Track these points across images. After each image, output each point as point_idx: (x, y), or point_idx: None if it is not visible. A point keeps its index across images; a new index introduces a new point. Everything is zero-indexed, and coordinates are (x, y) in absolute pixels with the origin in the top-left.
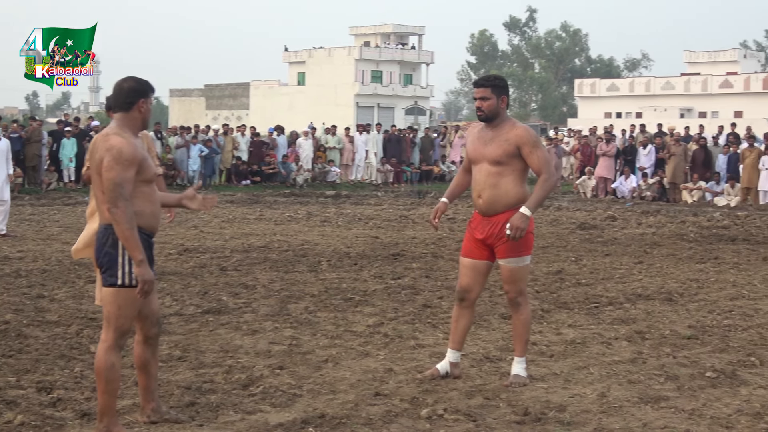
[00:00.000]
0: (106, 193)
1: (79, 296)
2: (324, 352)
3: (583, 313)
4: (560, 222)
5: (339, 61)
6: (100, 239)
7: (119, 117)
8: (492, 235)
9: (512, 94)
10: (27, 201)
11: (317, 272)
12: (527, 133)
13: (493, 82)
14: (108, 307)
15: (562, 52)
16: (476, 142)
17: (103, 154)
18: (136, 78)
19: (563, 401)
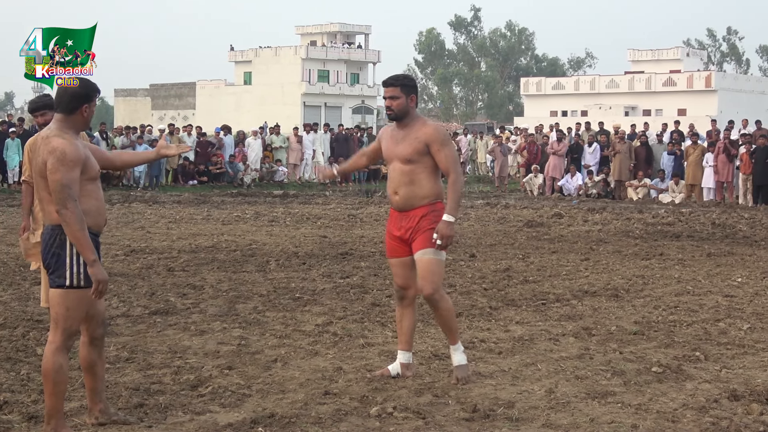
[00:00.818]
0: (53, 194)
1: (24, 298)
2: (273, 352)
3: (530, 310)
4: (507, 220)
5: (285, 60)
6: (46, 240)
7: (61, 118)
8: (409, 229)
9: (459, 92)
10: None
11: (265, 272)
12: (436, 131)
13: (402, 82)
14: (56, 309)
15: (507, 51)
16: (389, 142)
17: (46, 157)
18: (83, 81)
19: (512, 398)
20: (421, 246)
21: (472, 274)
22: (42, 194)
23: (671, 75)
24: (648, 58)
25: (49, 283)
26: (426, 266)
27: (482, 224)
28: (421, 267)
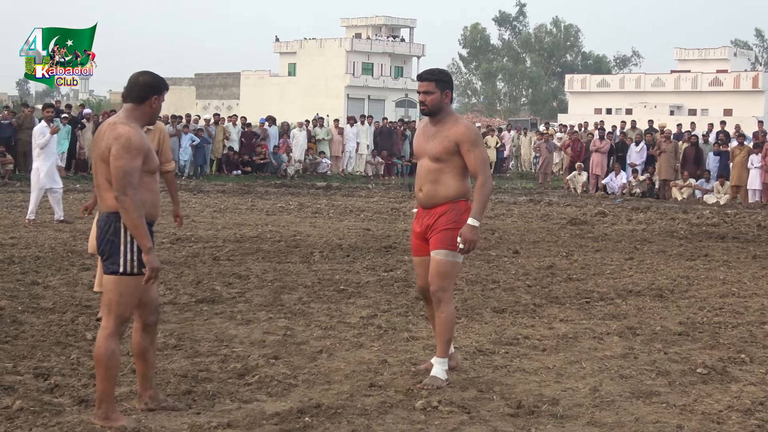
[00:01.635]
0: (114, 180)
1: (73, 284)
2: (318, 343)
3: (574, 308)
4: (551, 217)
5: (330, 52)
6: (102, 227)
7: (129, 108)
8: (428, 226)
9: (503, 88)
10: (18, 188)
11: (310, 263)
12: (468, 131)
13: (438, 77)
14: (109, 295)
15: (552, 47)
16: (420, 137)
17: (110, 143)
18: (153, 74)
19: (556, 395)
20: (436, 245)
21: (515, 271)
22: (100, 180)
23: (718, 75)
24: (695, 57)
25: (102, 269)
26: (437, 265)
27: (525, 221)
28: (433, 265)
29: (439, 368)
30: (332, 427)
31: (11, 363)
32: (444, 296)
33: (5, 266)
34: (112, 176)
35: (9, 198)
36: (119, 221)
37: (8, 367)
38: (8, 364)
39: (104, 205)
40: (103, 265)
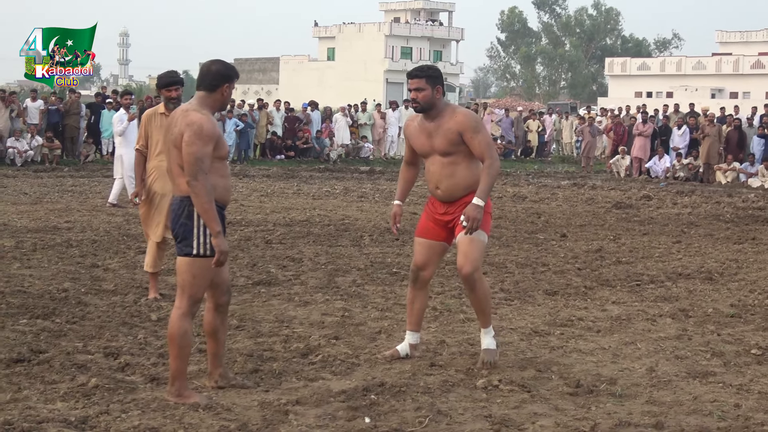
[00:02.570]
0: (186, 166)
1: (131, 266)
2: (376, 324)
3: (625, 290)
4: (595, 201)
5: (369, 36)
6: (175, 210)
7: (201, 96)
8: (454, 214)
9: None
10: (66, 173)
11: (360, 246)
12: (467, 118)
13: (427, 73)
14: (182, 276)
15: (592, 30)
16: (421, 136)
17: (183, 129)
18: (224, 62)
19: (613, 375)
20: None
21: (564, 254)
22: (173, 166)
23: (760, 57)
24: (736, 40)
25: (176, 251)
26: (467, 246)
27: (570, 205)
28: (463, 247)
29: (488, 338)
30: (397, 405)
31: (81, 342)
32: (477, 275)
33: (64, 249)
34: (184, 162)
35: (59, 183)
36: (192, 205)
37: (79, 346)
38: (78, 344)
39: (177, 190)
40: (176, 248)
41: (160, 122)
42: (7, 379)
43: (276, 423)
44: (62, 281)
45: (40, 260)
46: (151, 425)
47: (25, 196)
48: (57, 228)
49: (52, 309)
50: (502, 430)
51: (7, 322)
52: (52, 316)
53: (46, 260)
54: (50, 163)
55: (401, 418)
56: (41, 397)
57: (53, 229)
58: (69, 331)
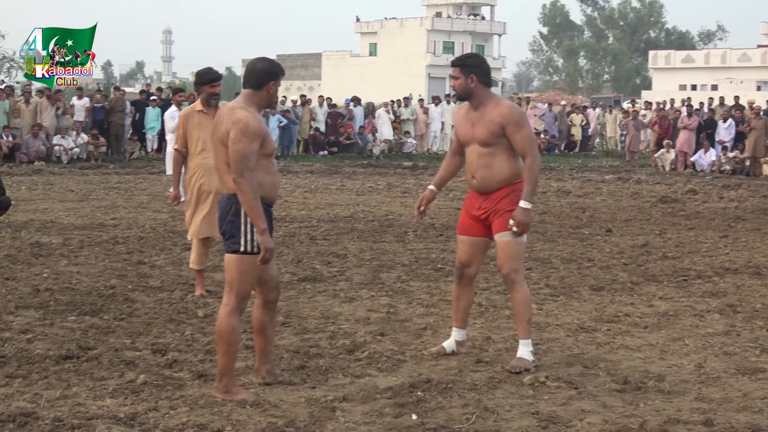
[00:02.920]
0: (232, 164)
1: (177, 263)
2: (422, 320)
3: (672, 286)
4: (641, 195)
5: (411, 31)
6: (223, 208)
7: (248, 93)
8: (489, 209)
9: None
10: (112, 170)
11: (405, 242)
12: (511, 111)
13: (463, 62)
14: (230, 273)
15: (636, 23)
16: (465, 124)
17: (229, 127)
18: (270, 60)
19: (661, 371)
20: (501, 228)
21: (610, 249)
22: (220, 163)
23: None
24: None
25: (224, 248)
26: (506, 247)
27: (615, 199)
28: (501, 248)
29: (524, 350)
30: (444, 402)
31: (129, 339)
32: (517, 277)
33: (111, 246)
34: (231, 159)
35: (104, 180)
36: (239, 203)
37: (126, 343)
38: (126, 341)
39: (225, 187)
40: (224, 245)
41: (198, 120)
42: (57, 375)
43: (323, 420)
44: (109, 278)
45: (87, 257)
46: (199, 422)
47: (71, 194)
48: (103, 225)
49: (100, 306)
50: (550, 426)
51: (56, 319)
52: (100, 312)
53: (93, 257)
54: (95, 161)
55: (448, 414)
56: (90, 394)
57: (100, 226)
58: (117, 328)
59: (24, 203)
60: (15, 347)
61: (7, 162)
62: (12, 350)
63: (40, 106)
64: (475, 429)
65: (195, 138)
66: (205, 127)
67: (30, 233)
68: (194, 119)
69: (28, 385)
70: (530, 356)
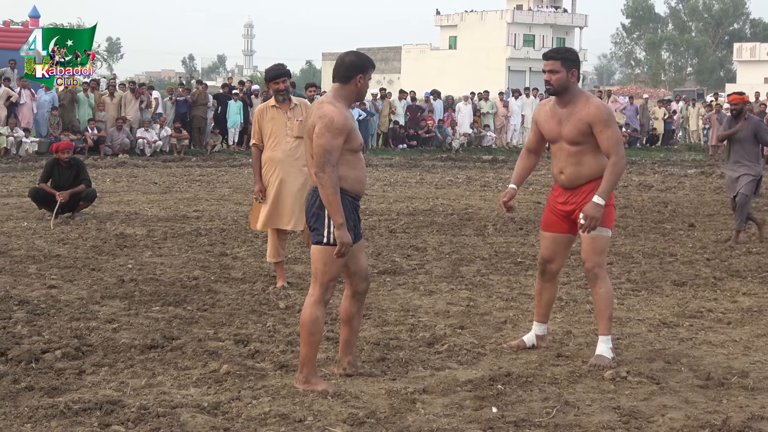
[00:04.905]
0: (315, 157)
1: (259, 255)
2: (501, 314)
3: (756, 281)
4: (724, 189)
5: (491, 24)
6: (309, 200)
7: (337, 87)
8: (577, 203)
9: (667, 58)
10: (194, 162)
11: (484, 236)
12: (600, 111)
13: (564, 55)
14: (315, 264)
15: (720, 15)
16: (550, 121)
17: (315, 121)
18: (358, 53)
19: (745, 368)
20: None
21: (692, 244)
22: (308, 157)
23: None
24: None
25: (309, 239)
26: (590, 240)
27: (698, 194)
28: (586, 241)
29: (604, 347)
30: (525, 395)
31: (212, 330)
32: (600, 272)
33: (193, 238)
34: (314, 153)
35: (187, 172)
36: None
37: (210, 333)
38: (209, 331)
39: (312, 180)
40: (310, 236)
41: (271, 115)
42: (142, 364)
43: (403, 411)
44: (192, 269)
45: (171, 248)
46: (281, 411)
47: (154, 186)
48: (186, 217)
49: (183, 296)
50: (631, 422)
51: (141, 309)
52: (184, 303)
53: (177, 249)
54: (178, 153)
55: (528, 408)
56: (175, 383)
57: (182, 218)
58: (200, 318)
59: (108, 195)
60: (101, 336)
61: (92, 154)
62: (98, 339)
63: (124, 99)
64: (555, 423)
65: (268, 132)
66: (278, 121)
67: (115, 225)
68: (268, 114)
69: (114, 374)
70: (610, 353)
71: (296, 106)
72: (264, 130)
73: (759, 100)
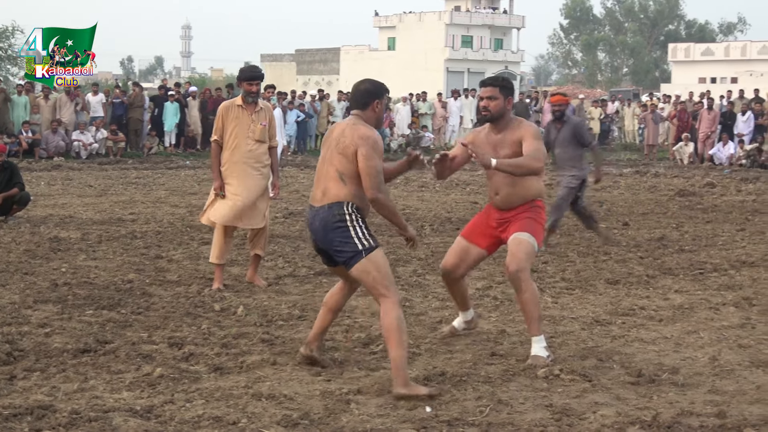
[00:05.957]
0: (368, 179)
1: (195, 257)
2: (437, 314)
3: (688, 279)
4: (658, 188)
5: (429, 25)
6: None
7: (357, 114)
8: (505, 220)
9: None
10: (131, 165)
11: (421, 236)
12: (531, 128)
13: (502, 83)
14: (369, 276)
15: (656, 16)
16: (486, 147)
17: (357, 142)
18: (373, 80)
19: (675, 364)
20: (520, 229)
21: (626, 243)
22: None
23: None
24: None
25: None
26: (517, 245)
27: (633, 192)
28: (513, 245)
29: (538, 347)
30: (459, 394)
31: (146, 333)
32: (524, 275)
33: (129, 241)
34: (365, 174)
35: (123, 175)
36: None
37: (144, 337)
38: (143, 334)
39: (326, 197)
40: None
41: (236, 114)
42: (75, 369)
43: (338, 412)
44: (127, 272)
45: (106, 252)
46: (215, 414)
47: (90, 189)
48: (121, 220)
49: (118, 300)
50: (563, 419)
51: (74, 313)
52: (118, 306)
53: (111, 252)
54: (114, 156)
55: (462, 407)
56: (107, 387)
57: (118, 221)
58: (134, 322)
59: (43, 198)
60: (33, 341)
61: (27, 157)
62: (30, 344)
63: (59, 101)
64: (488, 422)
65: (230, 131)
66: (241, 122)
67: (49, 228)
68: (232, 113)
69: (46, 379)
70: (545, 352)
71: (261, 110)
72: (226, 128)
73: (692, 100)
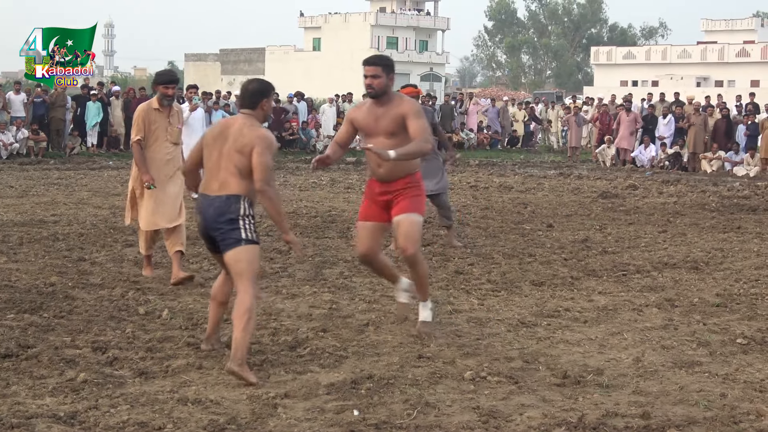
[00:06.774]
0: (259, 174)
1: (118, 260)
2: (364, 316)
3: (611, 280)
4: (581, 190)
5: (355, 26)
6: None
7: (247, 113)
8: (393, 192)
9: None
10: (52, 165)
11: (347, 238)
12: (412, 105)
13: (384, 62)
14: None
15: (579, 19)
16: (368, 119)
17: (253, 140)
18: (260, 80)
19: (600, 365)
20: (407, 209)
21: (551, 244)
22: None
23: (745, 46)
24: (721, 29)
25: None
26: (408, 226)
27: (557, 194)
28: (404, 227)
29: (426, 311)
30: (386, 397)
31: (69, 337)
32: (419, 254)
33: (51, 243)
34: (257, 170)
35: (45, 175)
36: (238, 202)
37: (67, 341)
38: (66, 338)
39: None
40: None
41: (154, 117)
42: None
43: (265, 416)
44: (49, 275)
45: (27, 254)
46: (140, 419)
47: (10, 190)
48: (43, 221)
49: (40, 303)
50: (490, 421)
51: None
52: (40, 310)
53: (33, 254)
54: (36, 156)
55: (389, 410)
56: (30, 393)
57: (39, 223)
58: (57, 326)
59: None
60: None
61: None
62: None
63: None
64: (416, 424)
65: (149, 134)
66: (159, 125)
67: None
68: (150, 115)
69: None
70: (431, 315)
71: (176, 113)
72: (148, 129)
73: (615, 103)
